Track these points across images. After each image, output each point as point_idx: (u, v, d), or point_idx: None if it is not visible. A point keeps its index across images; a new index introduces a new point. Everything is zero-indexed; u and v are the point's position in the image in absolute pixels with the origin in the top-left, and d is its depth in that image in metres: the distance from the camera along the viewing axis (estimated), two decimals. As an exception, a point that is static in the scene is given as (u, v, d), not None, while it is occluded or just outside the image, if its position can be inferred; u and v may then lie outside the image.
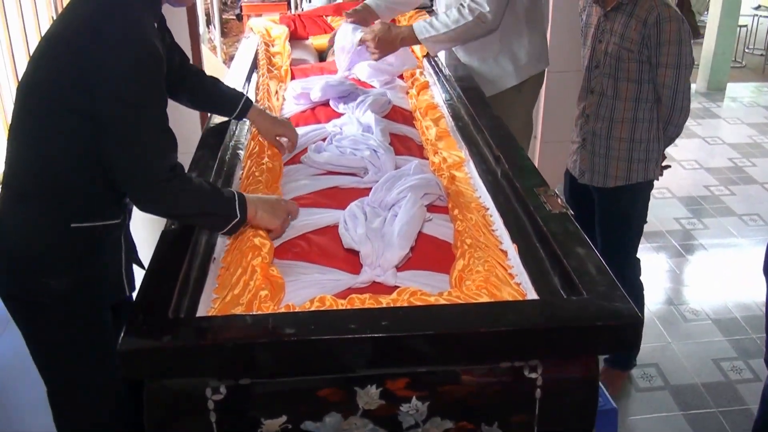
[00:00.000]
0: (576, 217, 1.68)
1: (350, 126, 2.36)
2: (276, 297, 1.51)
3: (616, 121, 2.67)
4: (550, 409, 1.38)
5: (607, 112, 2.68)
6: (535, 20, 3.01)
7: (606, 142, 2.71)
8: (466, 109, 2.42)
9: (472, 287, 1.51)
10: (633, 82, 2.60)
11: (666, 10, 2.48)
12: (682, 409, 2.85)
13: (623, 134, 2.67)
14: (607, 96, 2.67)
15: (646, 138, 2.66)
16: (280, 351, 1.29)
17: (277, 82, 2.91)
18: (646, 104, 2.62)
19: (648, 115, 2.64)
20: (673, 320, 3.41)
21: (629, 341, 1.38)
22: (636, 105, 2.63)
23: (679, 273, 3.85)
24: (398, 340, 1.29)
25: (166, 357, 1.29)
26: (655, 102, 2.63)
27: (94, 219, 1.75)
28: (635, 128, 2.65)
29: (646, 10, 2.49)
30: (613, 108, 2.66)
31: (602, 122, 2.70)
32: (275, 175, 2.06)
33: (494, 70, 2.97)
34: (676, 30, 2.48)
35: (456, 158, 2.18)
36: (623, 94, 2.63)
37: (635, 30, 2.52)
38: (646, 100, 2.61)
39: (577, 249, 1.51)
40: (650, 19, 2.49)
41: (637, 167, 2.69)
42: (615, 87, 2.64)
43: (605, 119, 2.69)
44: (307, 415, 1.34)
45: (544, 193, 1.74)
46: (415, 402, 1.34)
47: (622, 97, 2.63)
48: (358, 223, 1.75)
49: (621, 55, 2.57)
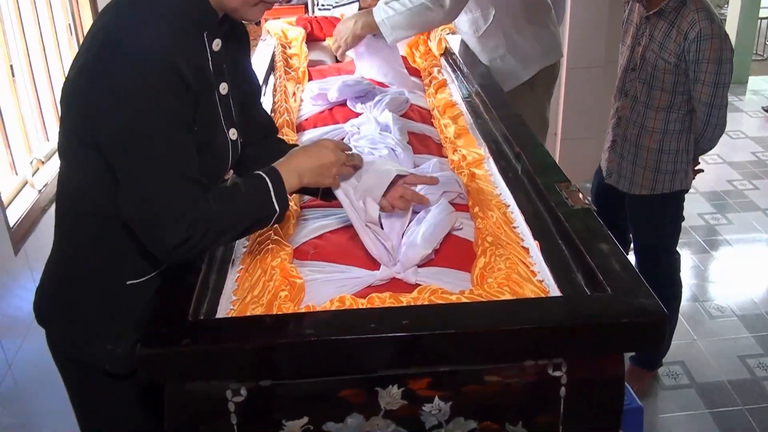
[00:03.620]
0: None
1: (368, 125, 2.35)
2: (296, 297, 1.49)
3: (647, 129, 2.62)
4: (575, 408, 1.36)
5: (638, 118, 2.64)
6: (539, 13, 2.98)
7: (635, 149, 2.67)
8: (485, 106, 2.40)
9: (494, 285, 1.49)
10: (667, 92, 2.55)
11: (709, 27, 2.40)
12: (708, 407, 2.82)
13: (652, 144, 2.62)
14: (640, 102, 2.62)
15: (675, 149, 2.61)
16: (300, 352, 1.28)
17: (294, 84, 2.91)
18: (679, 114, 2.57)
19: (679, 126, 2.59)
20: (699, 317, 3.37)
21: (655, 338, 1.36)
22: (667, 116, 2.58)
23: (703, 269, 3.81)
24: (419, 339, 1.28)
25: (186, 360, 1.29)
26: (688, 113, 2.57)
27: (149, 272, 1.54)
28: (665, 139, 2.61)
29: (688, 23, 2.43)
30: (645, 115, 2.62)
31: (633, 127, 2.66)
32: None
33: (503, 68, 2.95)
34: (717, 48, 2.42)
35: (475, 155, 2.16)
36: (656, 103, 2.58)
37: (675, 41, 2.46)
38: (678, 111, 2.57)
39: (601, 245, 1.49)
40: (691, 34, 2.42)
41: (664, 178, 2.65)
42: (648, 94, 2.59)
43: (636, 125, 2.65)
44: (329, 417, 1.33)
45: (565, 189, 1.72)
46: (437, 402, 1.32)
47: (655, 106, 2.58)
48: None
49: (658, 64, 2.52)
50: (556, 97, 3.70)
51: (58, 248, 1.60)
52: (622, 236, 2.86)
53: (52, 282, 1.61)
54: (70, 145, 1.46)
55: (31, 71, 2.56)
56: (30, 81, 2.56)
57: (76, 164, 1.47)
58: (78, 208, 1.52)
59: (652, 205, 2.72)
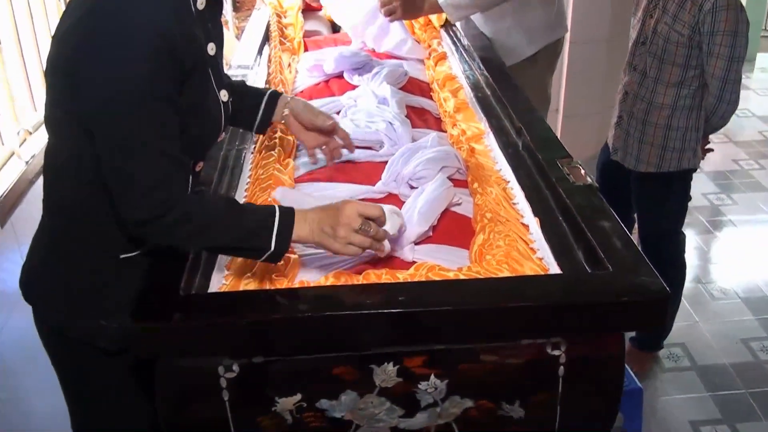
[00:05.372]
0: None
1: (365, 98, 2.35)
2: (290, 273, 1.50)
3: (655, 105, 2.61)
4: (573, 388, 1.37)
5: (647, 93, 2.62)
6: None
7: (641, 125, 2.66)
8: (485, 80, 2.40)
9: (493, 262, 1.50)
10: (679, 66, 2.53)
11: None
12: (709, 390, 2.84)
13: (660, 121, 2.61)
14: (649, 77, 2.60)
15: (684, 126, 2.60)
16: (294, 328, 1.29)
17: (289, 55, 2.89)
18: (690, 90, 2.56)
19: (689, 102, 2.57)
20: (701, 299, 3.38)
21: (656, 317, 1.37)
22: (678, 91, 2.56)
23: (707, 250, 3.82)
24: (415, 315, 1.29)
25: (177, 335, 1.30)
26: (699, 88, 2.56)
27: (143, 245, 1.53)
28: (674, 115, 2.59)
29: None
30: (654, 90, 2.60)
31: (641, 103, 2.65)
32: (289, 147, 2.05)
33: (507, 42, 2.94)
34: (732, 20, 2.41)
35: (475, 130, 2.16)
36: (666, 78, 2.56)
37: (689, 13, 2.44)
38: (689, 86, 2.55)
39: (602, 222, 1.49)
40: (706, 5, 2.41)
41: (671, 156, 2.64)
42: (659, 68, 2.57)
43: (644, 101, 2.63)
44: (323, 394, 1.34)
45: (567, 164, 1.72)
46: (433, 380, 1.33)
47: (665, 81, 2.57)
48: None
49: (670, 37, 2.50)
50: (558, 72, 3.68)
51: (47, 221, 1.59)
52: (626, 216, 2.87)
53: (40, 256, 1.60)
54: (55, 116, 1.45)
55: (18, 40, 2.55)
56: (17, 50, 2.54)
57: (62, 135, 1.46)
58: (66, 180, 1.50)
59: (657, 184, 2.71)
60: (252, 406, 1.34)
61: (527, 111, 2.06)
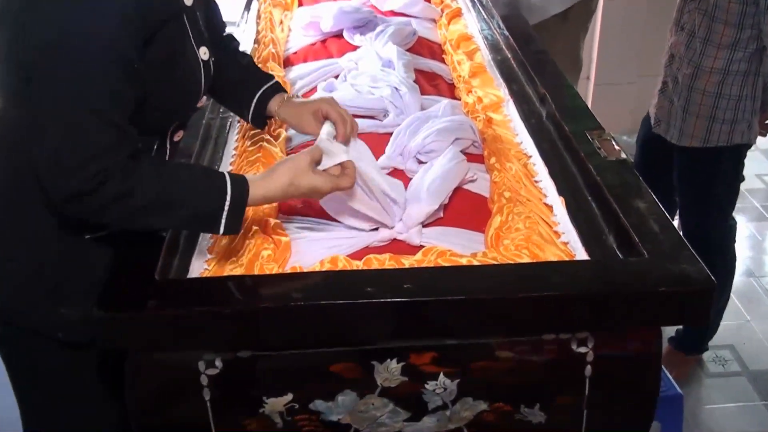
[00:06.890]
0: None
1: (367, 60, 2.36)
2: (281, 257, 1.52)
3: (704, 69, 2.60)
4: (602, 391, 1.39)
5: (695, 56, 2.62)
6: None
7: (687, 92, 2.65)
8: (505, 41, 2.41)
9: (511, 247, 1.51)
10: (731, 25, 2.53)
11: None
12: (762, 398, 2.85)
13: (708, 87, 2.60)
14: (698, 37, 2.60)
15: (737, 94, 2.59)
16: (285, 318, 1.30)
17: (281, 10, 2.90)
18: (745, 53, 2.55)
19: (744, 66, 2.57)
20: (753, 295, 3.39)
21: (699, 312, 1.37)
22: (731, 54, 2.56)
23: (761, 239, 3.83)
24: (423, 306, 1.30)
25: (151, 325, 1.31)
26: (756, 51, 2.56)
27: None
28: (725, 81, 2.58)
29: None
30: (703, 53, 2.59)
31: (687, 67, 2.64)
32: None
33: None
34: None
35: (493, 98, 2.17)
36: (717, 39, 2.56)
37: None
38: (745, 49, 2.55)
39: (637, 202, 1.51)
40: None
41: (720, 128, 2.62)
42: (709, 28, 2.56)
43: (691, 64, 2.63)
44: (318, 394, 1.35)
45: (598, 137, 1.74)
46: (442, 379, 1.35)
47: (716, 42, 2.56)
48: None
49: None
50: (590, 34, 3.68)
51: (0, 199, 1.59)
52: (668, 198, 2.86)
53: None
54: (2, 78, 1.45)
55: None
56: None
57: (11, 99, 1.47)
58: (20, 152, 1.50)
59: (703, 160, 2.71)
60: (237, 407, 1.36)
61: (553, 76, 2.07)
